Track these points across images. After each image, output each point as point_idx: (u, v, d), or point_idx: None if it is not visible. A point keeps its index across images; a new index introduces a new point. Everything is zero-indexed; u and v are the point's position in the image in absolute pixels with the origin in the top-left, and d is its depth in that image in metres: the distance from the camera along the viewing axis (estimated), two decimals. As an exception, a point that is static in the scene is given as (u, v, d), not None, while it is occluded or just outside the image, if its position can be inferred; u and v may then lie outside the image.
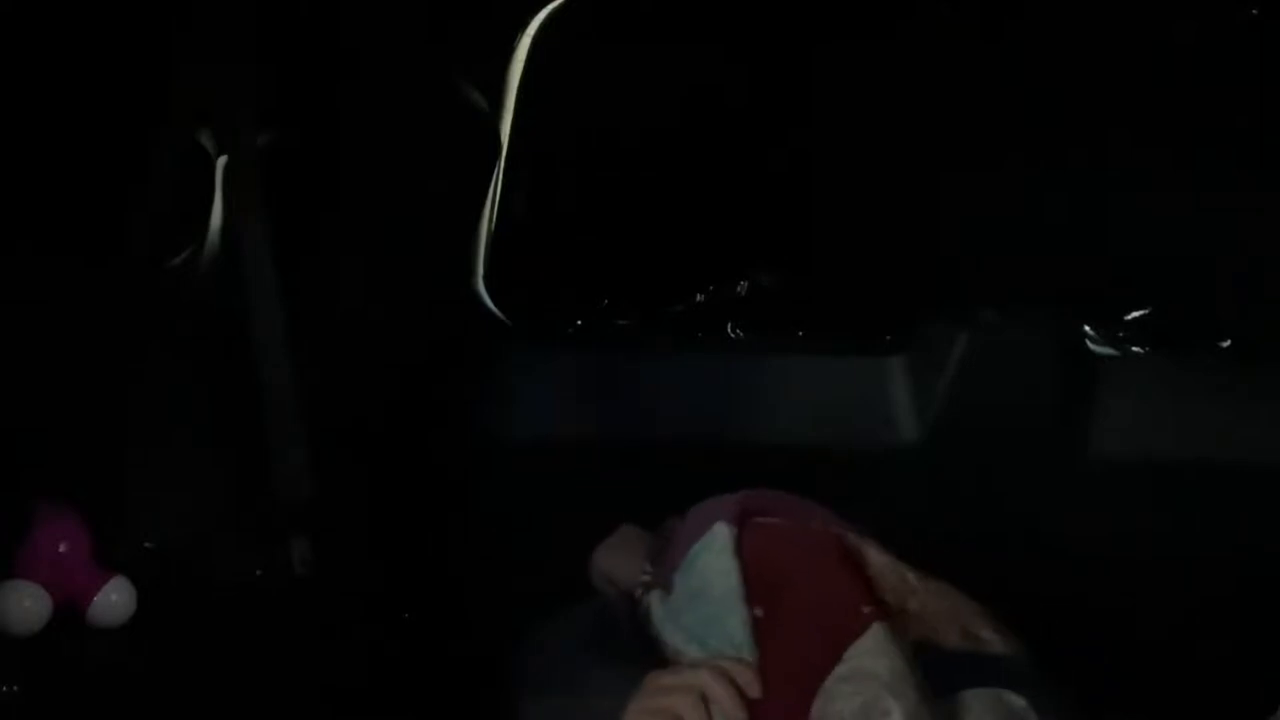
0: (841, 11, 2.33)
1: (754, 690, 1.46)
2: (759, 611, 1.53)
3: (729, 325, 2.37)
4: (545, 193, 2.43)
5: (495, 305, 2.37)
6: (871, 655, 1.48)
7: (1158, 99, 2.25)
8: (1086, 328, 2.23)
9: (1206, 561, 2.13)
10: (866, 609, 1.52)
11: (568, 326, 2.40)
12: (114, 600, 1.80)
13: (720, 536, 1.60)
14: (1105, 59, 2.26)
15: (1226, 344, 2.26)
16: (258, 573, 1.99)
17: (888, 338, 2.27)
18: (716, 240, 2.40)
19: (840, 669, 1.48)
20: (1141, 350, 2.25)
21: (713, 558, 1.59)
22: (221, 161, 2.04)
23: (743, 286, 2.40)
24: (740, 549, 1.58)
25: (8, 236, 1.83)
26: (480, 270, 2.37)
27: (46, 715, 1.68)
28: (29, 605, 1.74)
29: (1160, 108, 2.25)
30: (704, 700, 1.45)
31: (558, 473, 2.23)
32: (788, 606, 1.53)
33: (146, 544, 1.94)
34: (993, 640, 1.61)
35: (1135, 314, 2.28)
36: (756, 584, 1.55)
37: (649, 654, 1.73)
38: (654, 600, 1.64)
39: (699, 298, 2.41)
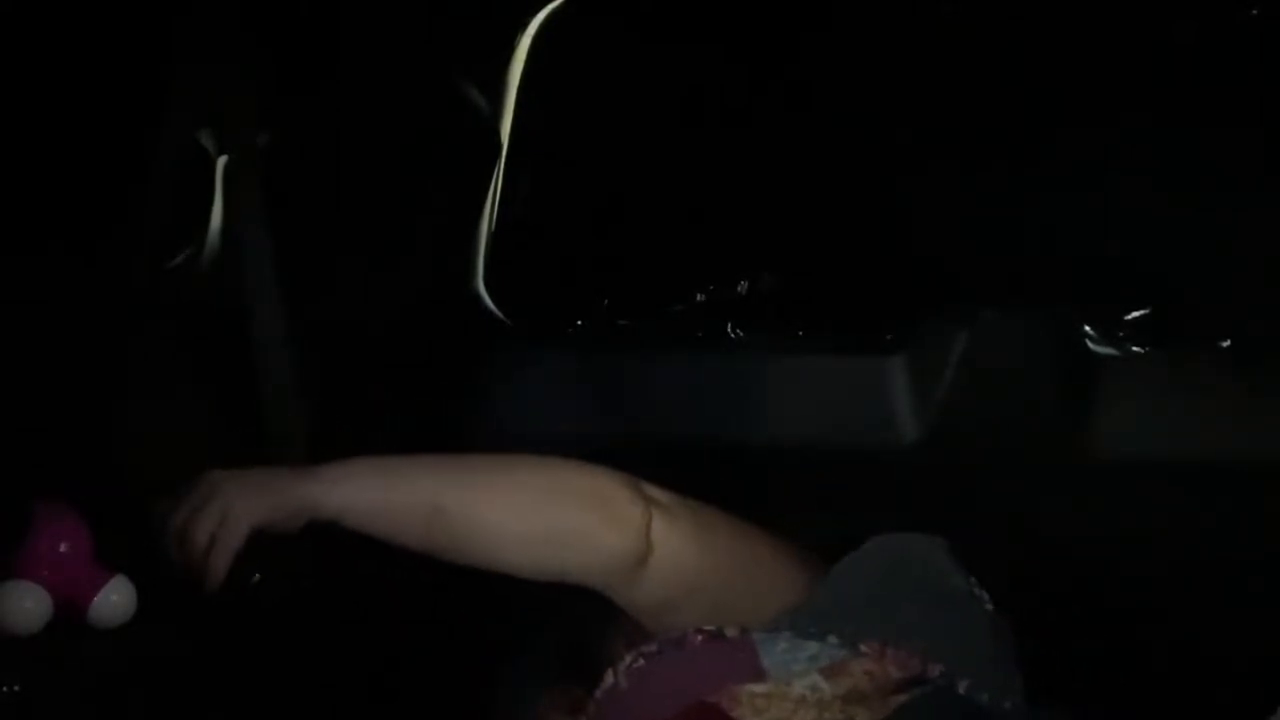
0: (841, 11, 2.32)
1: None
2: None
3: (729, 325, 2.37)
4: (545, 193, 2.43)
5: (495, 305, 2.37)
6: None
7: (1157, 99, 2.25)
8: (1086, 328, 2.23)
9: (1207, 561, 2.13)
10: None
11: (568, 326, 2.40)
12: (114, 600, 1.80)
13: None
14: (1105, 59, 2.26)
15: (1226, 344, 2.26)
16: (256, 574, 1.99)
17: (888, 338, 2.27)
18: (716, 240, 2.40)
19: None
20: (1141, 350, 2.24)
21: None
22: (221, 161, 2.05)
23: (743, 286, 2.40)
24: None
25: (8, 236, 1.83)
26: (480, 270, 2.36)
27: (46, 715, 1.68)
28: (29, 605, 1.73)
29: (1160, 108, 2.25)
30: None
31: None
32: None
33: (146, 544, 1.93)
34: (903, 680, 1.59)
35: (1135, 314, 2.27)
36: None
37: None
38: None
39: (699, 298, 2.40)
